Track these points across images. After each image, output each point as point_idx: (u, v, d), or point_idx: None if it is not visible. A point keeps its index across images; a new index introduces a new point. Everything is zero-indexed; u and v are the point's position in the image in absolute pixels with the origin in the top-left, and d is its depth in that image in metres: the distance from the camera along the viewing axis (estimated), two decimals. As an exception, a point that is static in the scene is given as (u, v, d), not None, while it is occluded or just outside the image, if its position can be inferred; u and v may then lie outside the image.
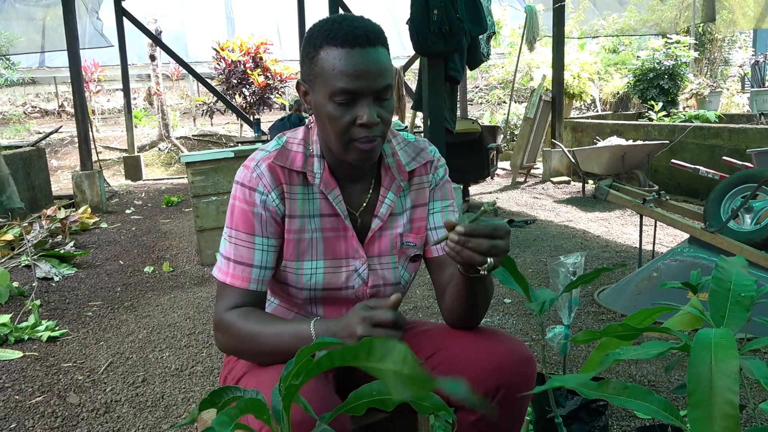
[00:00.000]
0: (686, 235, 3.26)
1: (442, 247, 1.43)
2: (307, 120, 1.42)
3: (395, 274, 1.43)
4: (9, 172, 4.05)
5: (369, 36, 1.23)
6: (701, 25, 11.37)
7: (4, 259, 4.71)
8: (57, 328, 3.38)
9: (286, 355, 1.07)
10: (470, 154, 6.13)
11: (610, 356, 0.75)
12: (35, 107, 14.74)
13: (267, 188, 1.32)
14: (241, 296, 1.32)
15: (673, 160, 5.18)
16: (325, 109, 1.25)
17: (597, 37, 12.41)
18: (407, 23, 4.39)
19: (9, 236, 5.11)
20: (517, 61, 9.22)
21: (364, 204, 1.41)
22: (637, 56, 9.74)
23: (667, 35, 9.62)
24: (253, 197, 1.32)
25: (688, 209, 3.46)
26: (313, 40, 1.26)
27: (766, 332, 1.40)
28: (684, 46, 9.02)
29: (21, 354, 3.05)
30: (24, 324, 3.34)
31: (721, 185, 3.19)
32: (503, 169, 9.11)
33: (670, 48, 8.93)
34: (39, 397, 2.61)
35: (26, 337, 3.24)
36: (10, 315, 3.39)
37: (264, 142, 6.92)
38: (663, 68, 8.71)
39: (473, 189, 7.71)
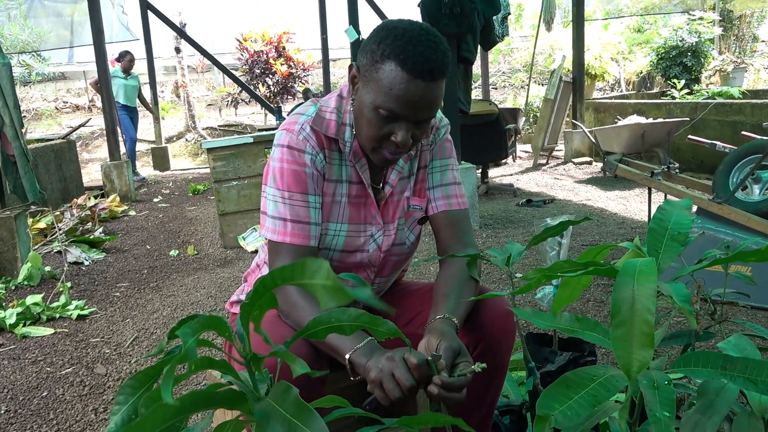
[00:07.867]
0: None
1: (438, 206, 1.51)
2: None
3: (401, 235, 1.52)
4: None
5: (434, 72, 1.23)
6: (728, 1, 11.16)
7: (37, 246, 4.91)
8: (86, 307, 3.55)
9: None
10: (487, 135, 6.16)
11: (537, 271, 0.84)
12: (66, 102, 15.08)
13: (315, 149, 1.39)
14: (300, 254, 1.37)
15: (689, 136, 5.16)
16: (367, 111, 1.29)
17: (621, 17, 12.26)
18: (419, 5, 4.44)
19: (42, 224, 5.34)
20: (535, 42, 9.19)
21: (384, 174, 1.48)
22: (659, 33, 9.62)
23: (691, 12, 9.48)
24: (303, 158, 1.38)
25: (697, 182, 3.47)
26: (382, 46, 1.25)
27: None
28: (708, 23, 8.89)
29: (52, 330, 3.22)
30: (55, 304, 3.51)
31: (730, 157, 3.20)
32: (525, 151, 9.11)
33: (692, 24, 8.80)
34: (69, 368, 2.77)
35: (57, 315, 3.42)
36: (42, 295, 3.57)
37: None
38: (686, 45, 8.60)
39: (494, 171, 7.74)
